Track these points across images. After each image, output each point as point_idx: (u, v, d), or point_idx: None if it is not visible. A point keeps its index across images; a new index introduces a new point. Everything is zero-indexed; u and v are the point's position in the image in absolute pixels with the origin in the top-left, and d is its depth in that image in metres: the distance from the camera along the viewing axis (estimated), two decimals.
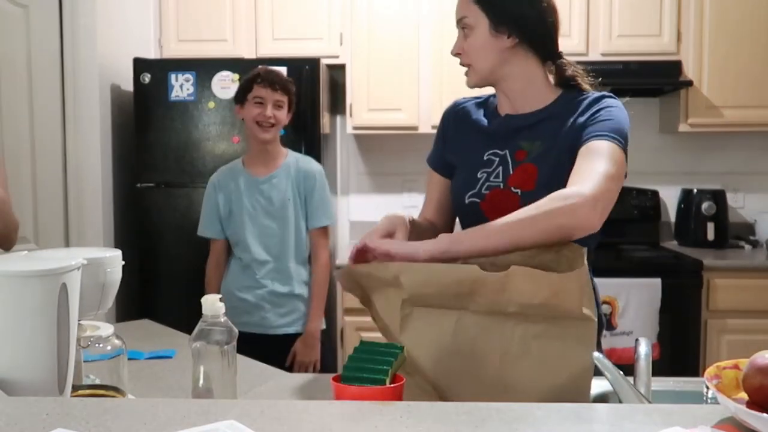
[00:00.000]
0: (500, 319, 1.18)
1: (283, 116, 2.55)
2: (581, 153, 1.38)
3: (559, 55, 1.54)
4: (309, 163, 2.64)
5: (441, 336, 1.20)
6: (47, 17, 2.98)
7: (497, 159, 1.51)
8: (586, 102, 1.48)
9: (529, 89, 1.52)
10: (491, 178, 1.50)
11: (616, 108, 1.46)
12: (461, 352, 1.20)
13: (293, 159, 2.62)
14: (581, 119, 1.45)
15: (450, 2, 1.56)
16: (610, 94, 1.51)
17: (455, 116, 1.62)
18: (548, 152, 1.47)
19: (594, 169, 1.31)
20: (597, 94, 1.50)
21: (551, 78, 1.55)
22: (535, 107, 1.51)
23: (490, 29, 1.46)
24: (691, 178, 3.79)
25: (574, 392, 1.18)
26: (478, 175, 1.52)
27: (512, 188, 1.47)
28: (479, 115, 1.59)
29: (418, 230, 1.47)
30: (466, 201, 1.52)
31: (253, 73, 2.54)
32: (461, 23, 1.49)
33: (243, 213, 2.57)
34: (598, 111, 1.45)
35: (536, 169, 1.46)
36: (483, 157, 1.52)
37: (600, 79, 1.56)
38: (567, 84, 1.54)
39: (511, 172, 1.49)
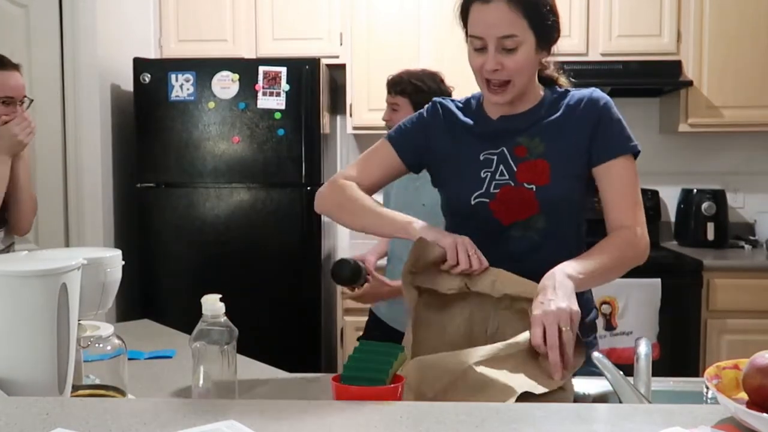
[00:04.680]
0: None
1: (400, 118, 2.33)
2: (612, 175, 1.49)
3: None
4: None
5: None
6: (47, 17, 2.99)
7: (495, 157, 1.52)
8: (583, 103, 1.51)
9: (530, 90, 1.54)
10: (497, 177, 1.50)
11: (612, 106, 1.51)
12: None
13: None
14: (588, 128, 1.49)
15: (449, 2, 1.55)
16: (593, 88, 1.54)
17: (443, 114, 1.61)
18: (556, 149, 1.49)
19: (633, 201, 1.49)
20: (584, 91, 1.53)
21: None
22: (528, 105, 1.54)
23: (536, 46, 1.46)
24: (691, 178, 3.79)
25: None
26: (482, 175, 1.51)
27: (525, 184, 1.48)
28: (465, 117, 1.59)
29: None
30: (473, 201, 1.51)
31: None
32: (508, 39, 1.43)
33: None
34: (603, 120, 1.49)
35: (548, 164, 1.48)
36: (479, 158, 1.53)
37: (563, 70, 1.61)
38: (544, 80, 1.58)
39: (515, 168, 1.49)
